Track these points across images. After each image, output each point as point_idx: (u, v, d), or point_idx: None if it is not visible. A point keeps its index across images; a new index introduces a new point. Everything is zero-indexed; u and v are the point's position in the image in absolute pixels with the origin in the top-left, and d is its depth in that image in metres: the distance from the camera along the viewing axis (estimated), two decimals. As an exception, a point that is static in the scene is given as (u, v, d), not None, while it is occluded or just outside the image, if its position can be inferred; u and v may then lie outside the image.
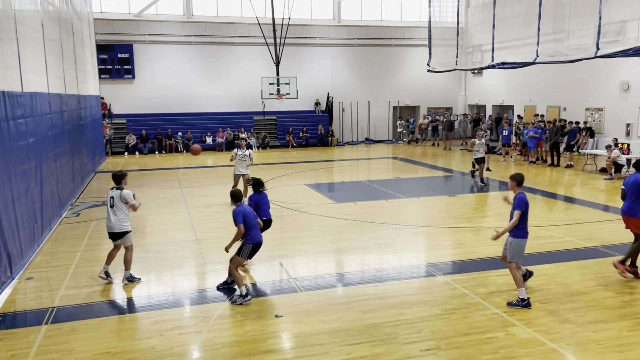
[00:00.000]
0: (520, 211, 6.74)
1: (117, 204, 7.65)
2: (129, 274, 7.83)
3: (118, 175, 7.83)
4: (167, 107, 27.36)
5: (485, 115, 30.21)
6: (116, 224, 7.65)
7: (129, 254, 7.85)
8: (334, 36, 29.26)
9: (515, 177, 7.03)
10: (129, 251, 7.86)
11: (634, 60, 19.03)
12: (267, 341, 6.00)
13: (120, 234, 7.74)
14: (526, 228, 6.89)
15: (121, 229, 7.70)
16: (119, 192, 7.67)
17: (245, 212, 7.21)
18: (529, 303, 6.70)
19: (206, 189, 16.06)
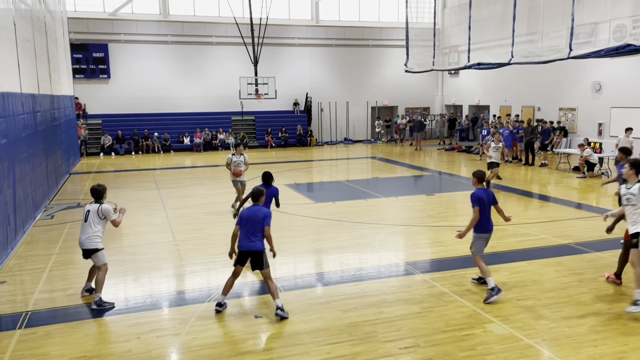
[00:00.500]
0: (476, 207, 7.05)
1: (91, 219, 7.07)
2: (98, 297, 6.97)
3: (98, 190, 7.22)
4: (144, 107, 27.02)
5: (462, 116, 30.61)
6: (85, 240, 7.04)
7: (100, 274, 7.09)
8: (312, 36, 29.28)
9: (477, 174, 7.29)
10: (101, 271, 7.10)
11: (606, 61, 19.51)
12: (247, 342, 5.97)
13: (89, 252, 7.08)
14: (484, 224, 7.13)
15: (90, 246, 7.04)
16: (97, 207, 7.09)
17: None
18: (499, 289, 6.96)
19: (184, 190, 15.91)
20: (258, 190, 6.90)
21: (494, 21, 22.28)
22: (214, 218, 12.02)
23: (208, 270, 8.51)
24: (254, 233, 6.55)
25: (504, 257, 8.85)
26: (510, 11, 19.78)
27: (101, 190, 7.23)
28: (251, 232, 6.55)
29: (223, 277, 8.19)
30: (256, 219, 6.58)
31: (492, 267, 8.21)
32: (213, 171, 20.13)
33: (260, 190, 6.90)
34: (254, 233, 6.55)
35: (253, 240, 6.55)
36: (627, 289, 7.27)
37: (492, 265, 8.30)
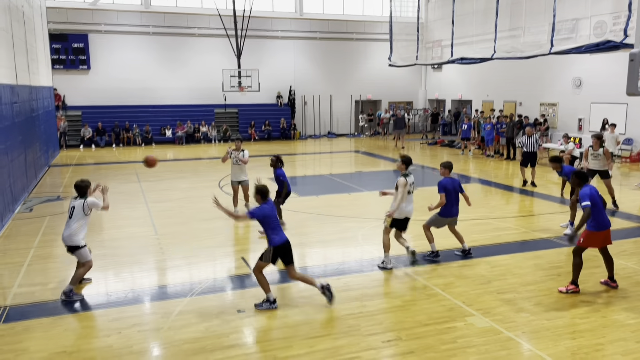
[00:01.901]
0: (442, 194, 8.27)
1: (75, 215, 6.99)
2: (70, 288, 6.94)
3: (81, 187, 7.11)
4: (125, 99, 26.66)
5: (445, 110, 30.79)
6: (67, 237, 7.00)
7: (81, 270, 7.12)
8: (296, 29, 29.13)
9: (445, 164, 8.52)
10: (83, 267, 7.12)
11: (586, 57, 19.77)
12: (230, 336, 5.96)
13: (71, 248, 7.05)
14: (449, 208, 8.39)
15: (72, 242, 7.00)
16: (82, 202, 7.02)
17: (265, 214, 6.53)
18: (438, 253, 8.36)
19: (165, 183, 15.77)
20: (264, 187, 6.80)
21: (476, 16, 22.39)
22: (196, 212, 11.92)
23: (190, 264, 8.45)
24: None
25: (485, 250, 8.95)
26: (493, 6, 19.93)
27: (84, 186, 7.15)
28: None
29: (205, 271, 8.16)
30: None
31: (473, 261, 8.33)
32: (195, 164, 19.97)
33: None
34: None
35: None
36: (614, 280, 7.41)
37: (475, 259, 8.41)
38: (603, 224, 6.88)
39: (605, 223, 6.92)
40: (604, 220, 6.91)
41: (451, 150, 23.72)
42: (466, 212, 11.57)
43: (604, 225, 6.90)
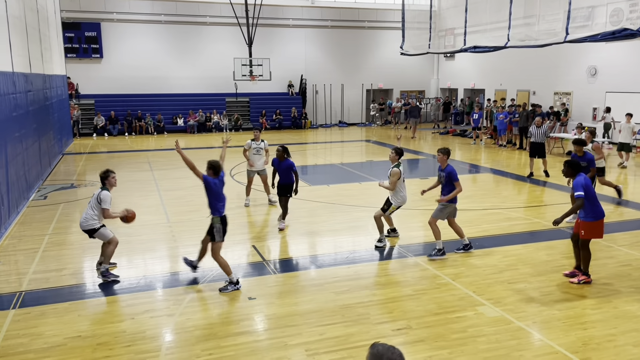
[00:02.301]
0: (458, 181, 8.02)
1: (92, 202, 7.24)
2: (105, 267, 7.31)
3: (101, 177, 7.44)
4: (137, 87, 26.78)
5: (457, 99, 30.54)
6: (83, 221, 7.22)
7: (110, 247, 7.35)
8: (307, 17, 28.98)
9: (445, 150, 8.23)
10: (111, 244, 7.35)
11: (602, 45, 19.45)
12: (240, 323, 6.01)
13: (89, 232, 7.25)
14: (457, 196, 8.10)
15: (87, 227, 7.21)
16: (98, 192, 7.26)
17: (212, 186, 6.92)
18: (444, 252, 8.01)
19: (178, 171, 15.85)
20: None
21: (490, 4, 22.07)
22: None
23: (202, 251, 8.50)
24: None
25: (496, 240, 8.91)
26: (507, -6, 19.60)
27: (103, 176, 7.38)
28: None
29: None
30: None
31: (486, 250, 8.29)
32: (207, 153, 20.04)
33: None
34: None
35: None
36: (620, 271, 7.37)
37: (486, 249, 8.38)
38: (600, 213, 6.83)
39: (601, 212, 6.87)
40: (600, 210, 6.85)
41: (463, 139, 23.55)
42: (478, 202, 11.54)
43: (601, 214, 6.85)
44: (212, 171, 6.88)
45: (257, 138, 11.24)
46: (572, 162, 7.02)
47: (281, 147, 9.47)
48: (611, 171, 14.96)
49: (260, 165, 11.26)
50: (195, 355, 5.30)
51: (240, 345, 5.50)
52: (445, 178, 8.10)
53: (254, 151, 11.18)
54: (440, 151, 8.26)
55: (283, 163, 9.50)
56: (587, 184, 6.76)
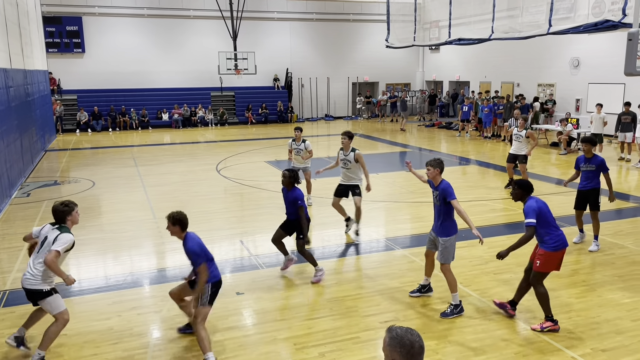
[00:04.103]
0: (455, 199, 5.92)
1: (44, 250, 4.97)
2: (39, 356, 4.97)
3: (61, 211, 5.09)
4: (120, 82, 26.46)
5: (443, 92, 30.67)
6: (26, 278, 4.95)
7: (51, 327, 5.03)
8: (292, 10, 28.83)
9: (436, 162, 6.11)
10: (53, 324, 5.04)
11: (584, 37, 19.63)
12: (229, 318, 6.00)
13: (32, 294, 4.98)
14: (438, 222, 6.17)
15: (32, 285, 4.94)
16: (56, 234, 5.00)
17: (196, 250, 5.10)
18: (462, 307, 6.01)
19: (163, 167, 15.75)
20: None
21: (474, -4, 22.16)
22: (194, 195, 11.94)
23: (189, 247, 8.47)
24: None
25: (482, 231, 8.91)
26: (491, -14, 19.66)
27: (65, 211, 5.13)
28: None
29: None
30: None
31: (471, 242, 8.33)
32: (192, 148, 19.92)
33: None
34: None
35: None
36: (598, 257, 7.48)
37: (471, 240, 8.43)
38: (562, 242, 5.58)
39: (563, 241, 5.61)
40: (562, 238, 5.60)
41: (448, 132, 23.68)
42: (464, 194, 11.61)
43: (562, 244, 5.59)
44: (179, 227, 5.16)
45: (297, 138, 10.68)
46: (522, 182, 5.71)
47: (287, 172, 6.96)
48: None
49: (299, 163, 10.72)
50: (183, 351, 5.28)
51: (228, 340, 5.49)
52: (440, 198, 6.02)
53: (295, 152, 10.76)
54: (430, 164, 6.11)
55: (290, 193, 6.96)
56: (541, 208, 5.54)
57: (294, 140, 10.79)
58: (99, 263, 7.79)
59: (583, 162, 8.07)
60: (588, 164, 8.01)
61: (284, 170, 7.04)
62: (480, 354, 5.14)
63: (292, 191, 6.92)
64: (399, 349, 2.37)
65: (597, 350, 5.17)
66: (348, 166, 8.69)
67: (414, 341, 2.37)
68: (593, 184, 8.04)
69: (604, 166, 7.92)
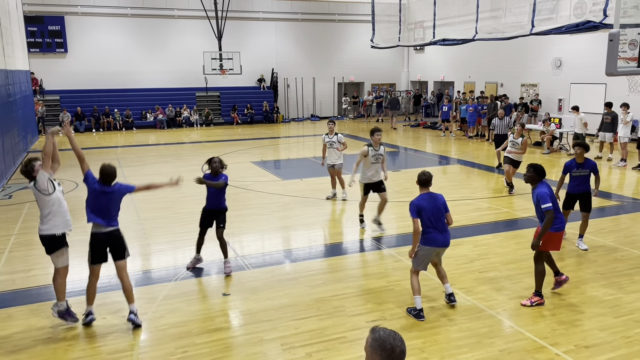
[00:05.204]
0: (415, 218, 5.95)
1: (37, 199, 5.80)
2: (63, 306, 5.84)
3: (24, 171, 5.95)
4: (104, 82, 26.19)
5: (427, 92, 30.84)
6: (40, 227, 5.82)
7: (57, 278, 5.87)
8: (277, 10, 28.79)
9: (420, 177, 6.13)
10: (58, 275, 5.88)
11: (566, 37, 19.89)
12: (215, 319, 5.98)
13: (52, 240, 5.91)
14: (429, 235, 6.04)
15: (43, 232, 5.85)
16: (32, 185, 5.90)
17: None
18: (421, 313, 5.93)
19: (148, 167, 15.62)
20: None
21: (458, -3, 22.33)
22: (180, 196, 11.85)
23: (174, 248, 8.43)
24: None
25: (467, 230, 9.06)
26: (474, -13, 19.84)
27: (28, 170, 5.93)
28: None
29: (190, 255, 8.14)
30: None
31: (457, 241, 8.40)
32: (177, 149, 19.79)
33: None
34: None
35: None
36: (584, 260, 7.59)
37: (457, 239, 8.51)
38: (562, 224, 6.30)
39: (564, 223, 6.37)
40: (563, 220, 6.36)
41: (433, 132, 23.83)
42: (448, 193, 11.69)
43: (562, 225, 6.31)
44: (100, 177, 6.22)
45: (331, 131, 11.13)
46: (538, 166, 6.28)
47: (219, 158, 7.26)
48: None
49: (333, 159, 11.07)
50: (169, 354, 5.25)
51: (215, 341, 5.47)
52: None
53: (328, 145, 11.09)
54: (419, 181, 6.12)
55: (217, 179, 7.19)
56: (552, 194, 6.12)
57: (327, 134, 11.11)
58: (83, 265, 7.69)
59: (575, 168, 7.89)
60: (581, 169, 7.88)
61: (216, 157, 7.24)
62: (466, 352, 5.19)
63: (220, 176, 7.17)
64: (379, 351, 2.38)
65: (580, 347, 5.25)
66: (379, 160, 8.98)
67: (395, 345, 2.38)
68: (585, 187, 7.99)
69: (596, 169, 7.92)
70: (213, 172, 7.21)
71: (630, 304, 6.18)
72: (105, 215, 6.02)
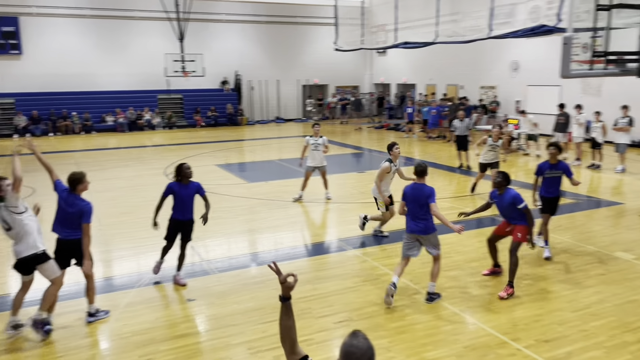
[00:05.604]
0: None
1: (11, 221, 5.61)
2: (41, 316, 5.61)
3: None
4: (61, 85, 25.43)
5: (391, 94, 31.23)
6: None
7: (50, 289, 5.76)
8: (240, 12, 28.60)
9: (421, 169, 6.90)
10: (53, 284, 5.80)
11: (523, 41, 20.48)
12: (180, 325, 5.89)
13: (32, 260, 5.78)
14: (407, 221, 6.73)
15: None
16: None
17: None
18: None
19: (108, 172, 15.25)
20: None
21: (419, 0, 22.69)
22: (142, 201, 11.63)
23: (137, 254, 8.26)
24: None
25: (431, 230, 9.19)
26: (434, -9, 20.23)
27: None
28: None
29: (153, 260, 7.99)
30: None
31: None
32: (139, 152, 19.40)
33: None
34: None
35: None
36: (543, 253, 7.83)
37: (420, 239, 8.64)
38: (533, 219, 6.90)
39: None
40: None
41: (397, 133, 24.14)
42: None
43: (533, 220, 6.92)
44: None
45: (316, 133, 11.23)
46: (507, 174, 6.79)
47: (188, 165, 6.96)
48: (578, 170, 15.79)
49: (318, 161, 11.23)
50: (133, 362, 5.14)
51: (180, 348, 5.39)
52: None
53: (312, 147, 11.20)
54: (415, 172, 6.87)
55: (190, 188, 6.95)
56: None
57: (312, 137, 11.19)
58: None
59: (548, 169, 7.86)
60: (554, 169, 7.85)
61: (185, 163, 6.95)
62: (431, 349, 5.28)
63: (192, 184, 6.92)
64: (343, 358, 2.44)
65: (540, 341, 5.41)
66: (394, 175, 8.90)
67: (351, 353, 2.43)
68: (557, 191, 7.96)
69: (568, 171, 7.91)
70: (185, 179, 6.88)
71: (586, 298, 6.42)
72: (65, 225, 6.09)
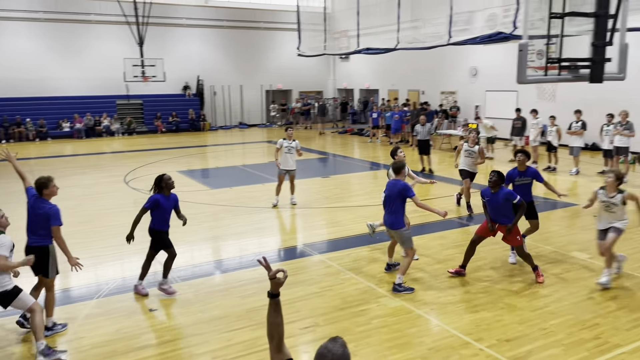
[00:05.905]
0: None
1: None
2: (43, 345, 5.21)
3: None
4: (14, 90, 24.55)
5: (354, 99, 31.49)
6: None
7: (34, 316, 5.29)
8: (201, 17, 28.32)
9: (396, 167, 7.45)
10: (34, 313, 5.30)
11: (481, 47, 21.06)
12: (142, 337, 5.74)
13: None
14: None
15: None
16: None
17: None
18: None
19: (65, 180, 14.74)
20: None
21: (380, 7, 22.95)
22: (100, 209, 11.32)
23: (95, 264, 8.02)
24: None
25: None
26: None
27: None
28: None
29: (113, 270, 7.78)
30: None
31: (384, 244, 8.60)
32: (97, 159, 18.90)
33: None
34: None
35: None
36: (500, 254, 8.01)
37: (384, 242, 8.71)
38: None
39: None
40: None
41: (360, 138, 24.34)
42: (375, 198, 11.97)
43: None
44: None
45: (289, 137, 11.20)
46: (501, 173, 7.12)
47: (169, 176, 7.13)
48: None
49: (292, 164, 11.16)
50: (93, 376, 4.98)
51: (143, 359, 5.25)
52: None
53: (286, 150, 11.09)
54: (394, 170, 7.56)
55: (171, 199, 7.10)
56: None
57: (286, 139, 11.14)
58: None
59: (518, 176, 7.79)
60: (523, 177, 7.78)
61: (165, 174, 7.03)
62: (396, 352, 5.31)
63: (172, 196, 7.03)
64: None
65: (501, 340, 5.52)
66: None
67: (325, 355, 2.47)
68: (529, 198, 7.79)
69: (538, 176, 7.84)
70: (167, 190, 6.89)
71: (545, 297, 6.60)
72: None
